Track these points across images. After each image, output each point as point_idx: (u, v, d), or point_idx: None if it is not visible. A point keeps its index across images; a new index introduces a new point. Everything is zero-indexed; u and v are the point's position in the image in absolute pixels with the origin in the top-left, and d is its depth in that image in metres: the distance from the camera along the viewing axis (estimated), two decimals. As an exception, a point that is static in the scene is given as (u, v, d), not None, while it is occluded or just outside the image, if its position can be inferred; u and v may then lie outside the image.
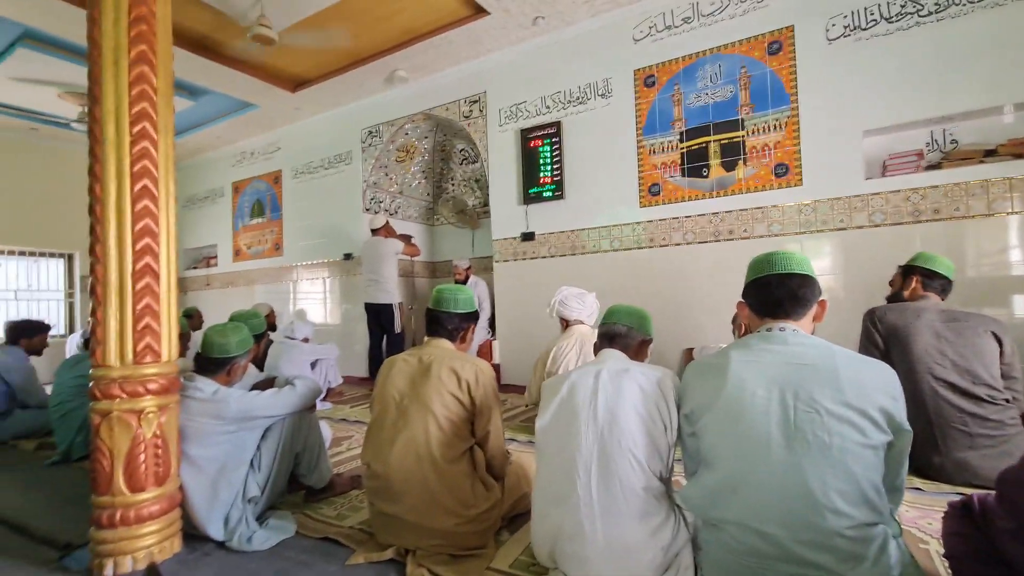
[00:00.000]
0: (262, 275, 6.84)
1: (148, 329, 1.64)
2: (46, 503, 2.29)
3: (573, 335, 3.05)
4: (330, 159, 6.07)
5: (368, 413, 3.88)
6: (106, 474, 1.59)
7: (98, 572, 1.58)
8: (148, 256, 1.65)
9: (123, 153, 1.61)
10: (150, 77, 1.65)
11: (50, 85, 5.19)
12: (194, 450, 1.81)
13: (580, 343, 3.00)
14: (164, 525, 1.68)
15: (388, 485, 1.63)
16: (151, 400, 1.64)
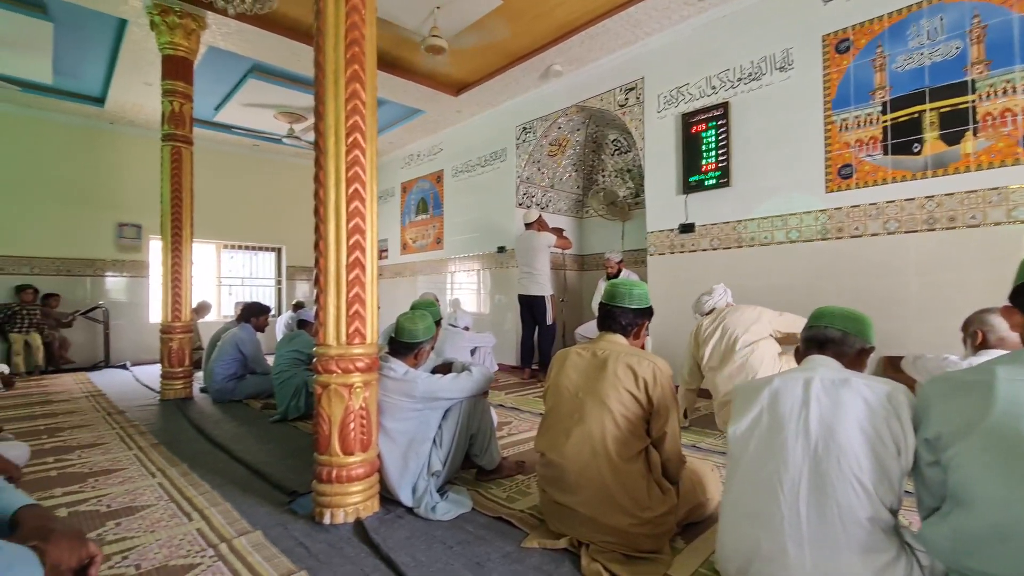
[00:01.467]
0: (424, 267, 7.49)
1: (357, 315, 1.88)
2: (275, 454, 2.78)
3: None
4: (486, 157, 6.39)
5: (523, 401, 4.02)
6: (325, 437, 1.86)
7: (319, 519, 1.87)
8: (358, 251, 1.88)
9: (340, 161, 1.85)
10: (360, 93, 1.88)
11: (269, 107, 6.26)
12: (389, 423, 2.03)
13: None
14: (367, 487, 1.92)
15: (562, 476, 1.65)
16: (359, 376, 1.88)
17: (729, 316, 2.92)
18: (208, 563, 1.61)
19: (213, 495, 2.18)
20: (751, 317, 2.86)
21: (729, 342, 2.82)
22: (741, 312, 2.92)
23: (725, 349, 2.82)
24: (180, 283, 4.35)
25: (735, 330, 2.83)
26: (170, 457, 2.74)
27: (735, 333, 2.82)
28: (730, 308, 3.02)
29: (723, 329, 2.89)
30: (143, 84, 5.54)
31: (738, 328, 2.83)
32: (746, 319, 2.85)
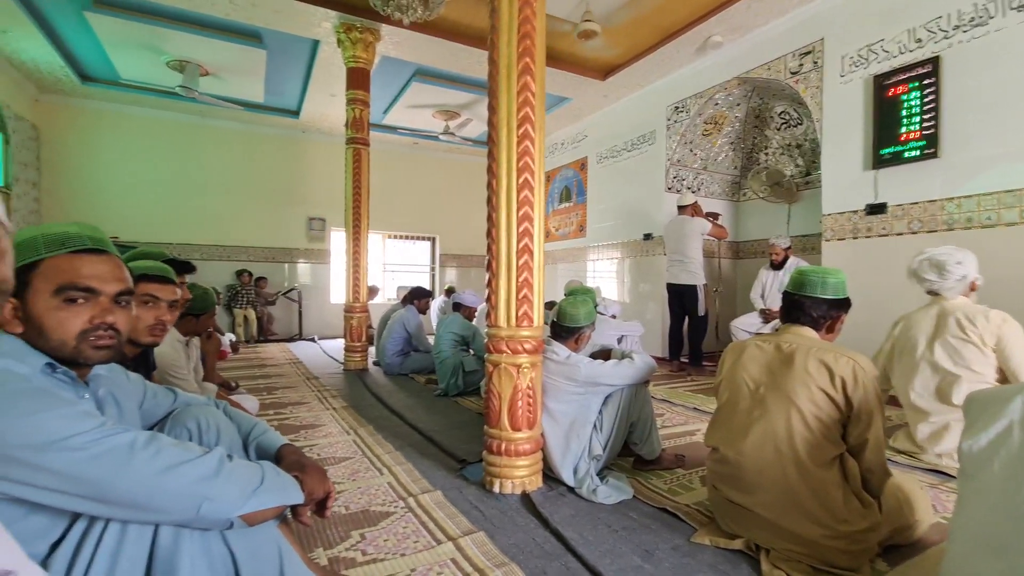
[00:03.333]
0: (565, 255, 7.55)
1: (526, 299, 1.96)
2: (442, 424, 3.05)
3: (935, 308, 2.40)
4: (633, 141, 6.19)
5: (674, 394, 3.87)
6: (496, 412, 1.99)
7: (489, 487, 2.01)
8: (527, 238, 1.96)
9: (511, 151, 1.94)
10: (531, 85, 1.94)
11: (428, 107, 6.79)
12: (552, 404, 2.11)
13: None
14: (532, 462, 2.01)
15: (739, 474, 1.56)
16: (526, 358, 1.97)
17: (956, 322, 2.28)
18: (400, 513, 1.83)
19: (397, 455, 2.47)
20: (984, 339, 2.21)
21: (932, 360, 2.35)
22: (979, 326, 2.23)
23: (924, 362, 2.37)
24: (359, 269, 4.97)
25: (948, 352, 2.29)
26: (358, 418, 3.17)
27: (946, 357, 2.29)
28: (962, 307, 2.31)
29: (938, 331, 2.35)
30: (329, 96, 6.38)
31: (956, 353, 2.27)
32: (973, 350, 2.23)
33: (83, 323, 0.92)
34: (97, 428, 0.83)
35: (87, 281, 0.93)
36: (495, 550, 1.57)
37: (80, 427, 0.81)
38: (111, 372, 1.13)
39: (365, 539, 1.64)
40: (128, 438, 0.85)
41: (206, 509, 0.87)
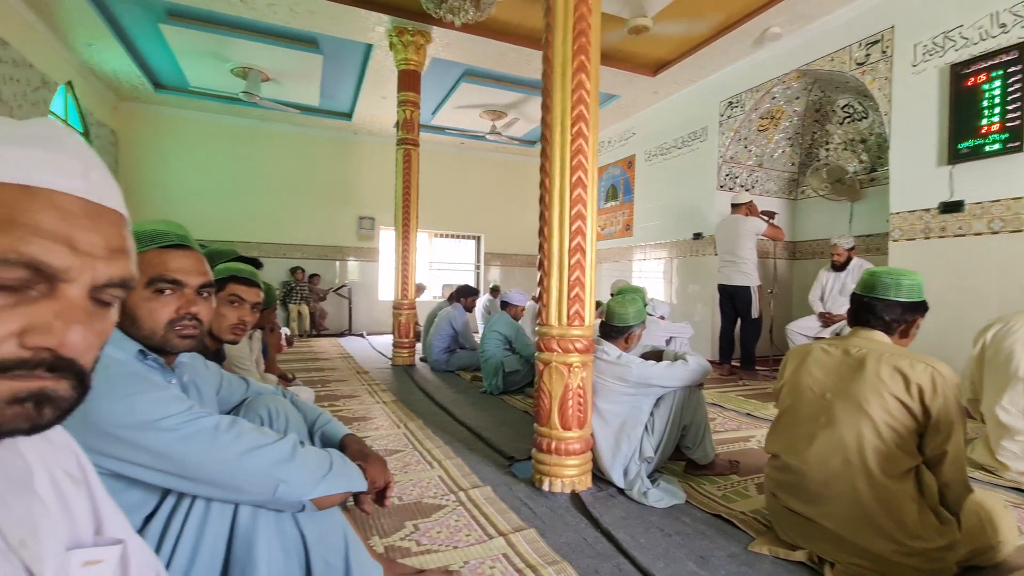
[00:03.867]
0: (610, 254, 7.45)
1: (577, 298, 1.96)
2: (488, 421, 3.08)
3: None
4: (684, 138, 6.05)
5: (725, 398, 3.75)
6: (546, 410, 1.99)
7: (538, 484, 2.02)
8: (579, 236, 1.95)
9: (565, 150, 1.94)
10: (586, 83, 1.93)
11: (476, 107, 6.86)
12: (602, 404, 2.09)
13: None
14: (582, 462, 2.00)
15: (802, 483, 1.50)
16: (577, 357, 1.97)
17: None
18: (452, 507, 1.86)
19: (446, 449, 2.51)
20: None
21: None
22: None
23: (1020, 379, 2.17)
24: (408, 267, 5.08)
25: None
26: (408, 412, 3.25)
27: None
28: None
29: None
30: (380, 98, 6.55)
31: None
32: None
33: (170, 313, 0.99)
34: (186, 411, 0.89)
35: (174, 274, 0.99)
36: (546, 548, 1.58)
37: (171, 409, 0.88)
38: (192, 360, 1.20)
39: (419, 530, 1.68)
40: (213, 421, 0.91)
41: (281, 491, 0.92)
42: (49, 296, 0.39)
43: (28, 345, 0.38)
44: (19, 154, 0.38)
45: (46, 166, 0.39)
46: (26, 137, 0.39)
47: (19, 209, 0.37)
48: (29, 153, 0.38)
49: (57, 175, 0.39)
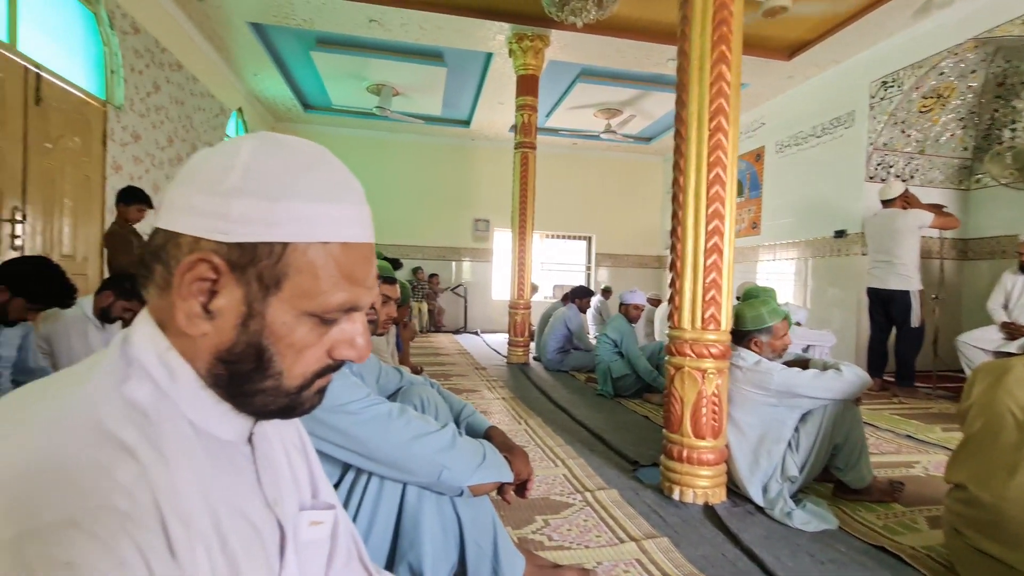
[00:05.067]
0: (734, 254, 6.95)
1: (713, 301, 1.86)
2: (607, 423, 3.05)
3: None
4: (824, 125, 5.47)
5: (878, 416, 3.32)
6: (677, 417, 1.92)
7: (667, 492, 1.96)
8: (716, 236, 1.86)
9: (702, 147, 1.86)
10: (726, 74, 1.83)
11: (590, 107, 6.82)
12: (737, 414, 1.97)
13: None
14: (716, 473, 1.91)
15: (998, 521, 1.28)
16: (712, 363, 1.87)
17: None
18: (579, 506, 1.88)
19: (568, 449, 2.54)
20: None
21: None
22: None
23: None
24: (524, 268, 5.20)
25: None
26: (526, 409, 3.32)
27: None
28: None
29: None
30: (497, 104, 6.78)
31: None
32: None
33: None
34: (365, 398, 1.00)
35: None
36: (681, 558, 1.52)
37: (355, 395, 0.99)
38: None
39: (549, 525, 1.72)
40: (386, 408, 1.01)
41: (445, 476, 1.00)
42: (349, 321, 0.49)
43: (335, 357, 0.49)
44: (341, 212, 0.46)
45: (359, 223, 0.48)
46: (333, 189, 0.47)
47: (351, 265, 0.47)
48: (348, 211, 0.47)
49: (361, 228, 0.48)
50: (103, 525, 0.33)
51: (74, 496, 0.33)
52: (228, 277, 0.44)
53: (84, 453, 0.36)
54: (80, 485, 0.34)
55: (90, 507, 0.33)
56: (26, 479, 0.33)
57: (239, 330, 0.45)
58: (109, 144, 3.71)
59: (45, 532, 0.31)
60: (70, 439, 0.36)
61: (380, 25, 4.78)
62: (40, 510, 0.32)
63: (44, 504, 0.32)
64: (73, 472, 0.34)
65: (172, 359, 0.45)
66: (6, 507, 0.31)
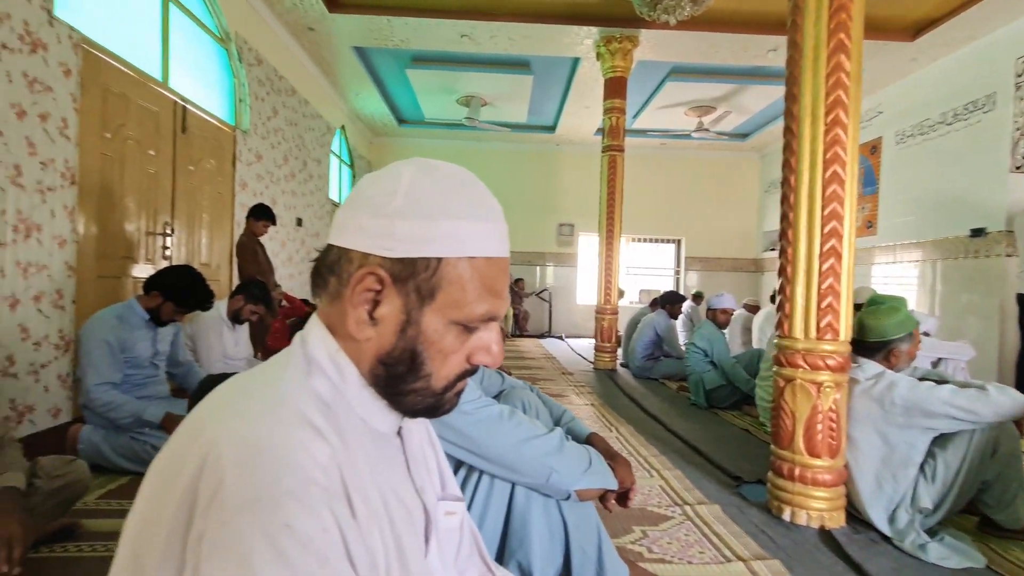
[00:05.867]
0: (847, 256, 6.36)
1: (830, 308, 1.73)
2: (703, 434, 2.91)
3: None
4: (956, 111, 4.86)
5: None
6: (788, 432, 1.80)
7: (776, 512, 1.83)
8: (834, 239, 1.72)
9: (816, 143, 1.73)
10: (845, 64, 1.70)
11: (680, 105, 6.59)
12: (857, 432, 1.80)
13: None
14: (833, 496, 1.76)
15: None
16: (828, 375, 1.74)
17: None
18: (679, 519, 1.82)
19: (662, 459, 2.46)
20: None
21: None
22: None
23: None
24: (611, 272, 5.13)
25: None
26: (616, 417, 3.27)
27: None
28: None
29: None
30: (583, 108, 6.76)
31: None
32: None
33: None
34: (479, 399, 1.05)
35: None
36: (796, 585, 1.43)
37: (469, 396, 1.04)
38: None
39: (648, 537, 1.68)
40: (497, 410, 1.05)
41: (554, 479, 1.02)
42: (487, 329, 0.53)
43: (472, 362, 0.53)
44: (485, 230, 0.50)
45: (499, 239, 0.52)
46: (479, 209, 0.51)
47: (492, 278, 0.51)
48: (491, 228, 0.51)
49: (501, 243, 0.52)
50: (310, 496, 0.39)
51: (289, 471, 0.39)
52: (390, 288, 0.49)
53: (292, 435, 0.42)
54: (292, 462, 0.40)
55: (300, 480, 0.39)
56: (256, 456, 0.39)
57: (398, 336, 0.50)
58: (237, 164, 4.17)
59: (273, 499, 0.37)
60: (281, 424, 0.42)
61: (471, 39, 4.95)
62: (267, 481, 0.38)
63: (270, 476, 0.38)
64: (287, 451, 0.40)
65: (340, 359, 0.51)
66: (244, 478, 0.38)
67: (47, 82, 2.34)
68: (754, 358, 3.67)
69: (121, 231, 2.89)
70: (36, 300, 2.33)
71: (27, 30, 2.24)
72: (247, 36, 4.25)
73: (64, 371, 2.50)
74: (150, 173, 3.13)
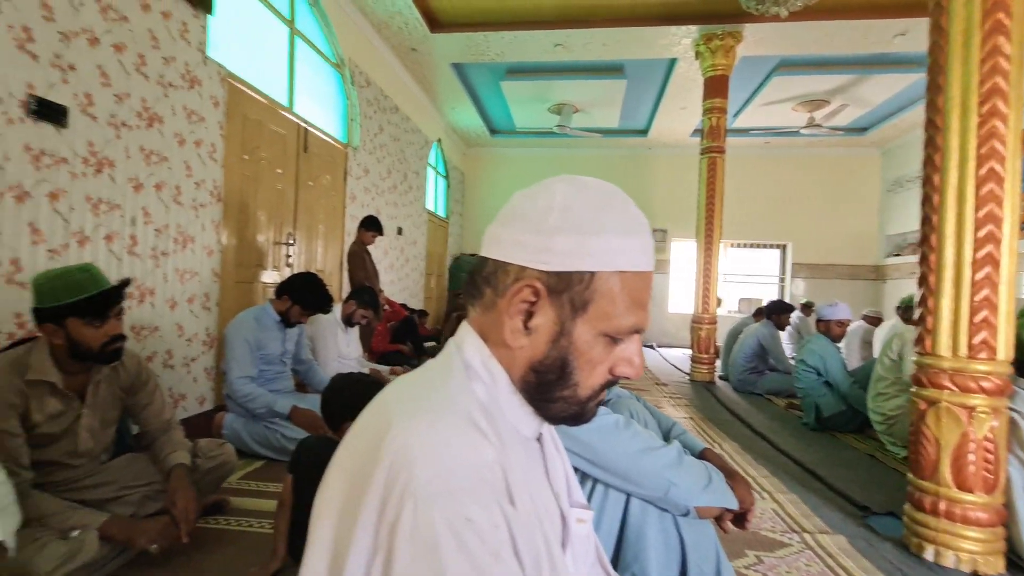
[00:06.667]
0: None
1: (985, 323, 1.52)
2: (819, 457, 2.67)
3: None
4: None
5: None
6: (930, 461, 1.60)
7: (916, 550, 1.64)
8: (990, 245, 1.52)
9: (967, 136, 1.54)
10: (1004, 47, 1.49)
11: (788, 101, 6.15)
12: (1015, 471, 1.56)
13: None
14: (989, 537, 1.54)
15: None
16: (983, 399, 1.53)
17: None
18: (797, 547, 1.68)
19: (774, 481, 2.29)
20: None
21: None
22: None
23: None
24: (709, 279, 4.89)
25: None
26: (719, 433, 3.10)
27: None
28: None
29: None
30: (679, 109, 6.53)
31: None
32: None
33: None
34: (594, 407, 1.05)
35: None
36: (946, 635, 1.26)
37: None
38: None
39: (763, 563, 1.58)
40: (613, 419, 1.05)
41: (672, 493, 0.99)
42: (631, 341, 0.55)
43: (614, 374, 0.55)
44: (635, 244, 0.52)
45: (646, 253, 0.53)
46: (629, 224, 0.53)
47: (640, 291, 0.53)
48: (640, 243, 0.52)
49: (648, 257, 0.54)
50: (484, 493, 0.42)
51: (465, 469, 0.42)
52: (545, 300, 0.51)
53: (465, 435, 0.45)
54: (467, 460, 0.43)
55: (475, 478, 0.42)
56: (438, 453, 0.43)
57: (550, 345, 0.52)
58: (348, 179, 4.53)
59: (454, 493, 0.41)
60: (455, 425, 0.46)
61: (564, 48, 4.99)
62: (449, 477, 0.41)
63: (451, 472, 0.42)
64: (462, 449, 0.44)
65: (493, 365, 0.54)
66: (429, 473, 0.41)
67: (201, 113, 2.70)
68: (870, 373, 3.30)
69: (254, 241, 3.25)
70: (189, 302, 2.68)
71: (187, 69, 2.60)
72: (358, 60, 4.61)
73: (209, 365, 2.84)
74: (277, 189, 3.49)
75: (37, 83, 1.87)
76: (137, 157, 2.31)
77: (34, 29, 1.85)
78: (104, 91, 2.13)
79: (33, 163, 1.87)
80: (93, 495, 1.41)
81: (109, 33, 2.15)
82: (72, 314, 1.25)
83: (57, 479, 1.37)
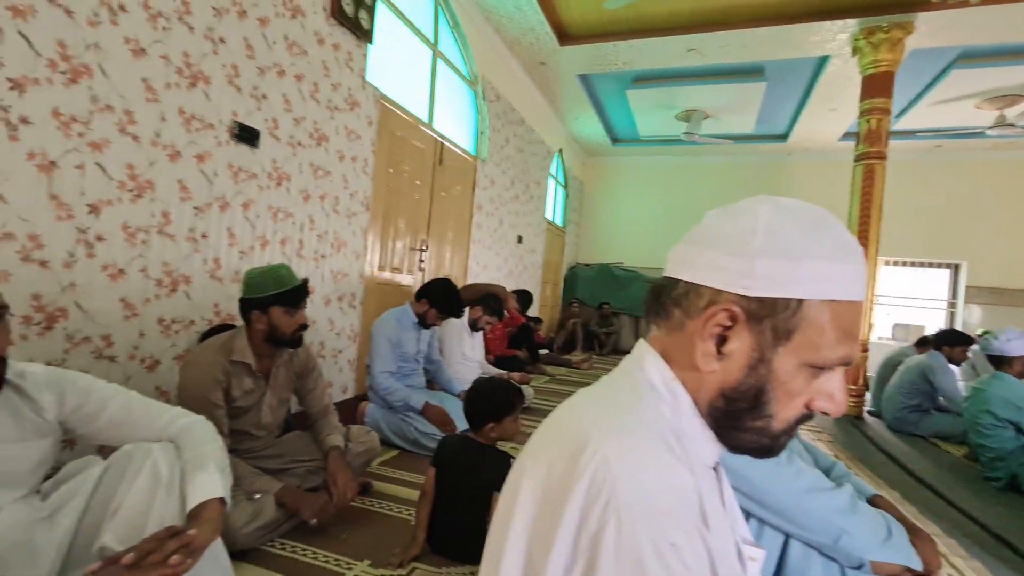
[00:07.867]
0: None
1: None
2: (1015, 523, 2.22)
3: None
4: None
5: None
6: None
7: None
8: None
9: None
10: None
11: (970, 98, 5.28)
12: None
13: None
14: None
15: None
16: None
17: None
18: (987, 627, 1.41)
19: (949, 542, 1.96)
20: None
21: None
22: None
23: None
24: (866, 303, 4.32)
25: None
26: (873, 478, 2.73)
27: None
28: None
29: None
30: (828, 111, 5.91)
31: None
32: None
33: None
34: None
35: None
36: None
37: None
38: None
39: (941, 638, 1.34)
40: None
41: (844, 542, 0.89)
42: (835, 374, 0.50)
43: (811, 408, 0.51)
44: (847, 272, 0.48)
45: (859, 282, 0.50)
46: (841, 251, 0.49)
47: (851, 322, 0.49)
48: (853, 270, 0.49)
49: (861, 286, 0.50)
50: (686, 519, 0.42)
51: (668, 493, 0.42)
52: (742, 325, 0.49)
53: (663, 459, 0.45)
54: (669, 484, 0.43)
55: (677, 504, 0.42)
56: (641, 471, 0.43)
57: (746, 372, 0.50)
58: (476, 189, 4.75)
59: (658, 516, 0.41)
60: (652, 448, 0.46)
61: (698, 52, 4.78)
62: (653, 498, 0.41)
63: (654, 494, 0.42)
64: (663, 470, 0.44)
65: (676, 387, 0.53)
66: (633, 490, 0.42)
67: (358, 132, 3.02)
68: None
69: (393, 247, 3.54)
70: (340, 300, 2.99)
71: (350, 93, 2.92)
72: (490, 76, 4.83)
73: (352, 357, 3.14)
74: (415, 199, 3.77)
75: (240, 111, 2.22)
76: (307, 172, 2.64)
77: (240, 65, 2.21)
78: (286, 115, 2.48)
79: (233, 178, 2.22)
80: (269, 464, 1.63)
81: (293, 65, 2.49)
82: (276, 303, 1.48)
83: (243, 447, 1.61)
